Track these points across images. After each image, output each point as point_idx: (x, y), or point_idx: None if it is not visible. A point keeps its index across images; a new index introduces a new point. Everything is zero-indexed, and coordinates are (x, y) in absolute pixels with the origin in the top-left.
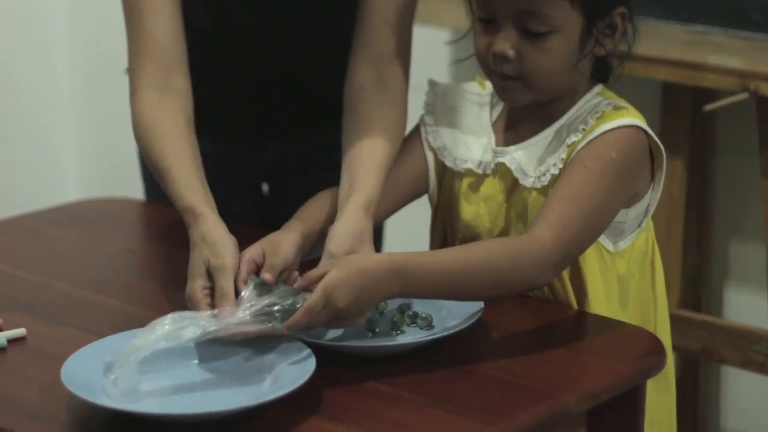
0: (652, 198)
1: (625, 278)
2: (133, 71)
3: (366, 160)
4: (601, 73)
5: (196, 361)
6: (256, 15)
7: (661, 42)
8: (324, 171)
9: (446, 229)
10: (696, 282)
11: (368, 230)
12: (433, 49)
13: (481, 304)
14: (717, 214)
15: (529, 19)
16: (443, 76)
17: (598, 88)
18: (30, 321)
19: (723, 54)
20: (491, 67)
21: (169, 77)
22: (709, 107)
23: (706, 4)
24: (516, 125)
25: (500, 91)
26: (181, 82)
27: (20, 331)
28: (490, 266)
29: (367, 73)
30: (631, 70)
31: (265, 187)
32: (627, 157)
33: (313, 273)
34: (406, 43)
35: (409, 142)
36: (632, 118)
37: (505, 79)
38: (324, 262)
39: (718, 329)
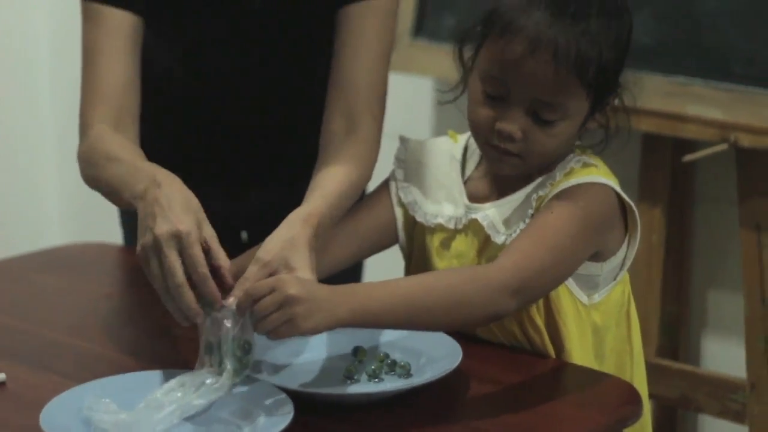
0: (628, 252)
1: (601, 330)
2: (85, 112)
3: (316, 186)
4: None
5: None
6: (232, 66)
7: (642, 93)
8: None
9: None
10: (674, 331)
11: (303, 237)
12: (415, 97)
13: (459, 351)
14: (696, 264)
15: (544, 107)
16: (425, 124)
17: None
18: (10, 366)
19: (703, 105)
20: (490, 140)
21: (119, 121)
22: (688, 158)
23: (687, 55)
24: (491, 182)
25: (494, 163)
26: (130, 129)
27: (0, 377)
28: (447, 285)
29: (339, 122)
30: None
31: (244, 235)
32: (594, 210)
33: (252, 287)
34: (379, 91)
35: (377, 194)
36: (600, 176)
37: (503, 153)
38: (252, 269)
39: (696, 378)
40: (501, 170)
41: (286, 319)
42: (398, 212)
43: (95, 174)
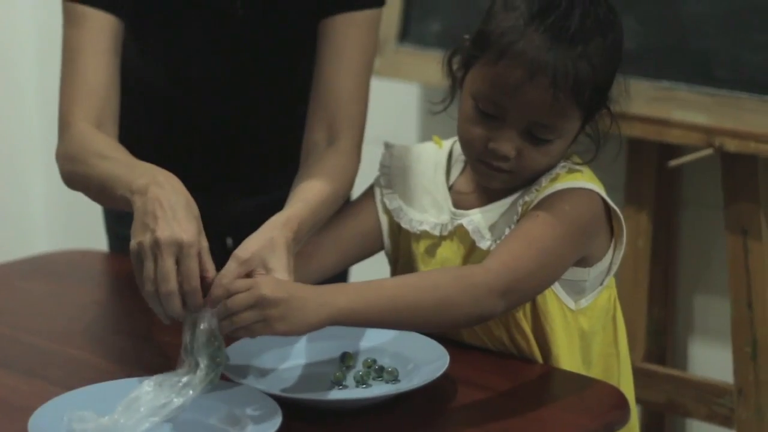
0: (614, 258)
1: (588, 335)
2: (65, 110)
3: (297, 194)
4: None
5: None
6: (214, 74)
7: (628, 97)
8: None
9: None
10: (661, 335)
11: (282, 239)
12: (400, 103)
13: (446, 357)
14: (682, 268)
15: (540, 129)
16: (411, 129)
17: None
18: None
19: (688, 110)
20: (481, 157)
21: (100, 121)
22: (673, 163)
23: (672, 60)
24: (477, 189)
25: (484, 178)
26: (111, 129)
27: None
28: (433, 284)
29: (320, 133)
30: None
31: (229, 241)
32: (580, 213)
33: (230, 282)
34: (361, 103)
35: (362, 201)
36: (585, 181)
37: (495, 170)
38: (229, 266)
39: (683, 383)
40: (490, 185)
41: (260, 319)
42: (383, 219)
43: (83, 171)
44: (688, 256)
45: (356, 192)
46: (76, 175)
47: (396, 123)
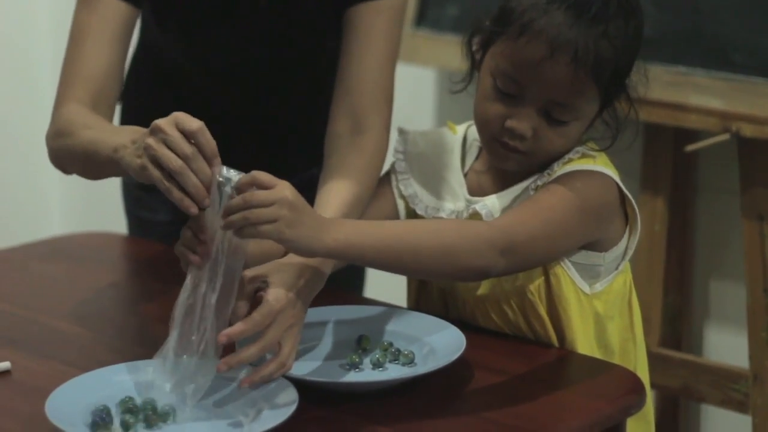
0: (629, 243)
1: (603, 319)
2: (61, 91)
3: (322, 201)
4: None
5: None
6: (239, 63)
7: (646, 82)
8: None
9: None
10: (676, 321)
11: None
12: (417, 88)
13: (463, 341)
14: (698, 254)
15: (558, 108)
16: (427, 114)
17: None
18: (14, 355)
19: (705, 95)
20: (497, 136)
21: (96, 106)
22: (690, 148)
23: (689, 45)
24: (492, 175)
25: (498, 158)
26: (104, 114)
27: (5, 365)
28: (435, 229)
29: (344, 123)
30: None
31: None
32: (591, 194)
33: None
34: (386, 92)
35: (379, 187)
36: (599, 165)
37: (510, 150)
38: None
39: (698, 368)
40: (504, 165)
41: (272, 218)
42: (400, 204)
43: (69, 143)
44: (704, 242)
45: None
46: (62, 149)
47: (412, 108)
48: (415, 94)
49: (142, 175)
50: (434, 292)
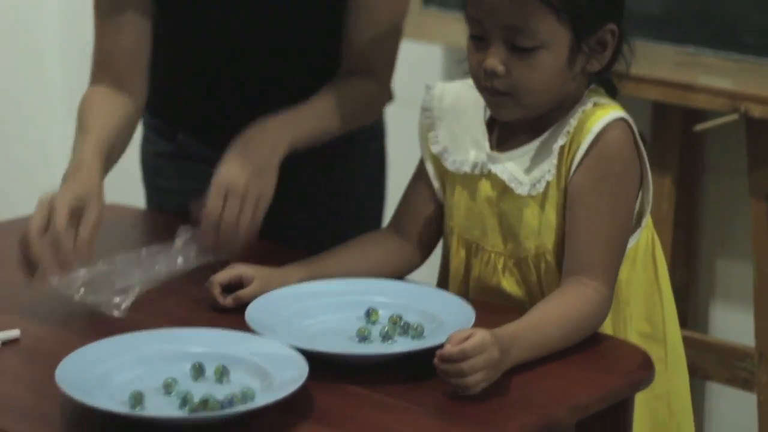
0: (645, 197)
1: (630, 279)
2: (92, 67)
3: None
4: (608, 90)
5: (190, 364)
6: (239, 27)
7: (653, 62)
8: (311, 174)
9: (452, 225)
10: (682, 299)
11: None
12: (424, 65)
13: (472, 317)
14: (704, 232)
15: (517, 35)
16: None
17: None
18: (24, 323)
19: (714, 75)
20: (483, 83)
21: (120, 81)
22: (699, 127)
23: (698, 25)
24: (508, 131)
25: (492, 107)
26: (133, 87)
27: (14, 333)
28: (566, 319)
29: (353, 70)
30: (623, 90)
31: None
32: (627, 161)
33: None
34: (389, 62)
35: (416, 175)
36: (617, 110)
37: (495, 95)
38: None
39: (704, 346)
40: (500, 115)
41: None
42: (430, 168)
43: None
44: (710, 220)
45: (402, 171)
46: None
47: (419, 85)
48: (423, 71)
49: None
50: (457, 244)
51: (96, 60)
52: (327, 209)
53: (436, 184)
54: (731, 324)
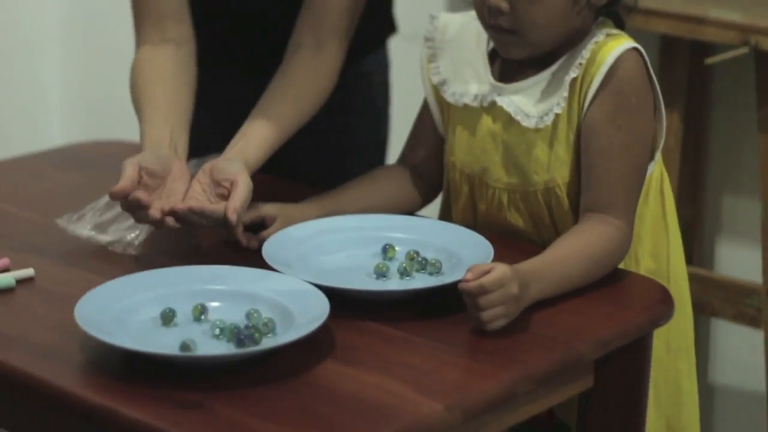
0: (658, 129)
1: (642, 213)
2: (135, 26)
3: (259, 123)
4: (616, 23)
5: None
6: None
7: None
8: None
9: (453, 160)
10: (689, 235)
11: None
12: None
13: (491, 252)
14: (712, 168)
15: None
16: None
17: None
18: (37, 262)
19: (724, 8)
20: (487, 20)
21: (162, 30)
22: (710, 60)
23: None
24: (511, 63)
25: (499, 46)
26: (173, 33)
27: (29, 272)
28: (587, 256)
29: (307, 37)
30: (631, 23)
31: None
32: (642, 93)
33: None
34: (351, 14)
35: (421, 113)
36: (627, 40)
37: (500, 32)
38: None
39: (711, 282)
40: (507, 53)
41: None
42: (432, 101)
43: (132, 94)
44: (718, 155)
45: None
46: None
47: (424, 18)
48: (427, 3)
49: None
50: (460, 180)
51: (138, 15)
52: (331, 142)
53: (437, 116)
54: (738, 260)
